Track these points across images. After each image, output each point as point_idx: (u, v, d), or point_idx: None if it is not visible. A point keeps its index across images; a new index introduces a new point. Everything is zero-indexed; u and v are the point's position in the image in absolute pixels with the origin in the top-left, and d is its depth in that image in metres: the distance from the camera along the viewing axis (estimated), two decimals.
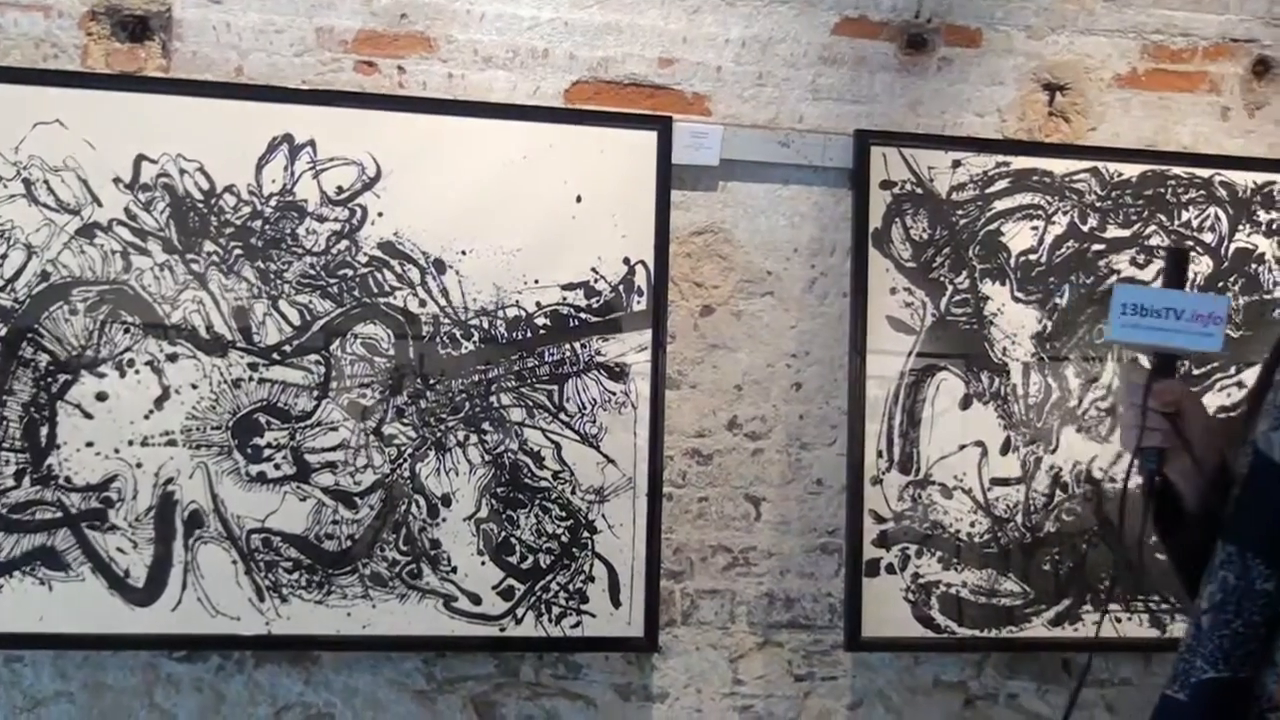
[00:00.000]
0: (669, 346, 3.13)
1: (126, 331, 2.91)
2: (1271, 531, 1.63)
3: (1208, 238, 3.30)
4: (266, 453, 2.94)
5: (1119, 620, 3.23)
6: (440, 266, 3.02)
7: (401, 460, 2.99)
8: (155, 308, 2.92)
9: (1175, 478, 1.76)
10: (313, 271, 2.98)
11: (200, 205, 2.94)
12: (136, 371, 2.91)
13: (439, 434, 3.01)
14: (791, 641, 3.20)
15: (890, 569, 3.17)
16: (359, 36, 3.07)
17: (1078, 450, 3.25)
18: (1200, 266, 3.27)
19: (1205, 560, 1.72)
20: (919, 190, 3.22)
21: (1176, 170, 3.30)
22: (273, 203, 2.97)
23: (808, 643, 3.21)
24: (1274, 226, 3.30)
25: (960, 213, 3.24)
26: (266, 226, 2.96)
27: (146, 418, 2.91)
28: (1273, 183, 3.28)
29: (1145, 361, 1.80)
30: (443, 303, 3.02)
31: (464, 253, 3.03)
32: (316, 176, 2.99)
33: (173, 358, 2.92)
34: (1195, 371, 3.25)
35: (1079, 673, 3.22)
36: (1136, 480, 1.79)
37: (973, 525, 3.21)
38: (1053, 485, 3.24)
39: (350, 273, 2.99)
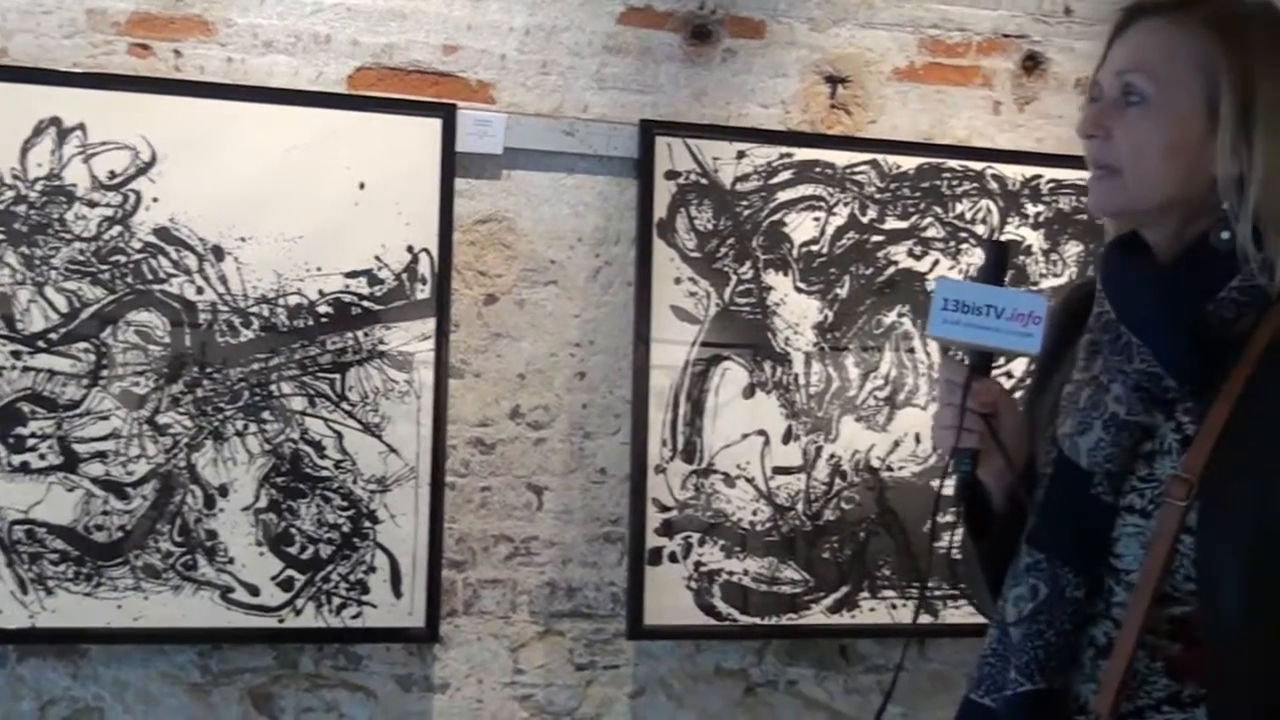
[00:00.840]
0: (452, 335, 3.21)
1: None
2: (1079, 539, 1.66)
3: (980, 230, 3.47)
4: (30, 442, 2.96)
5: (894, 607, 3.41)
6: (219, 253, 3.07)
7: (177, 450, 3.04)
8: None
9: (986, 479, 1.75)
10: (82, 257, 3.00)
11: None
12: None
13: (217, 423, 3.06)
14: (573, 630, 3.31)
15: (673, 557, 3.30)
16: (132, 19, 3.11)
17: (857, 439, 3.41)
18: (973, 258, 3.46)
19: (1010, 559, 1.75)
20: (704, 180, 3.36)
21: (951, 163, 3.48)
22: (39, 187, 2.98)
23: (589, 631, 3.32)
24: (1041, 219, 3.50)
25: (744, 203, 3.38)
26: (32, 211, 2.97)
27: None
28: (1040, 176, 3.49)
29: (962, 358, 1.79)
30: (221, 290, 3.08)
31: (244, 239, 3.08)
32: (87, 161, 3.01)
33: None
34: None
35: (895, 666, 3.34)
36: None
37: (755, 514, 3.35)
38: (832, 474, 3.40)
39: (123, 259, 3.03)
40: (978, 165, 3.48)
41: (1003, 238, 3.43)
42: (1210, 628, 1.57)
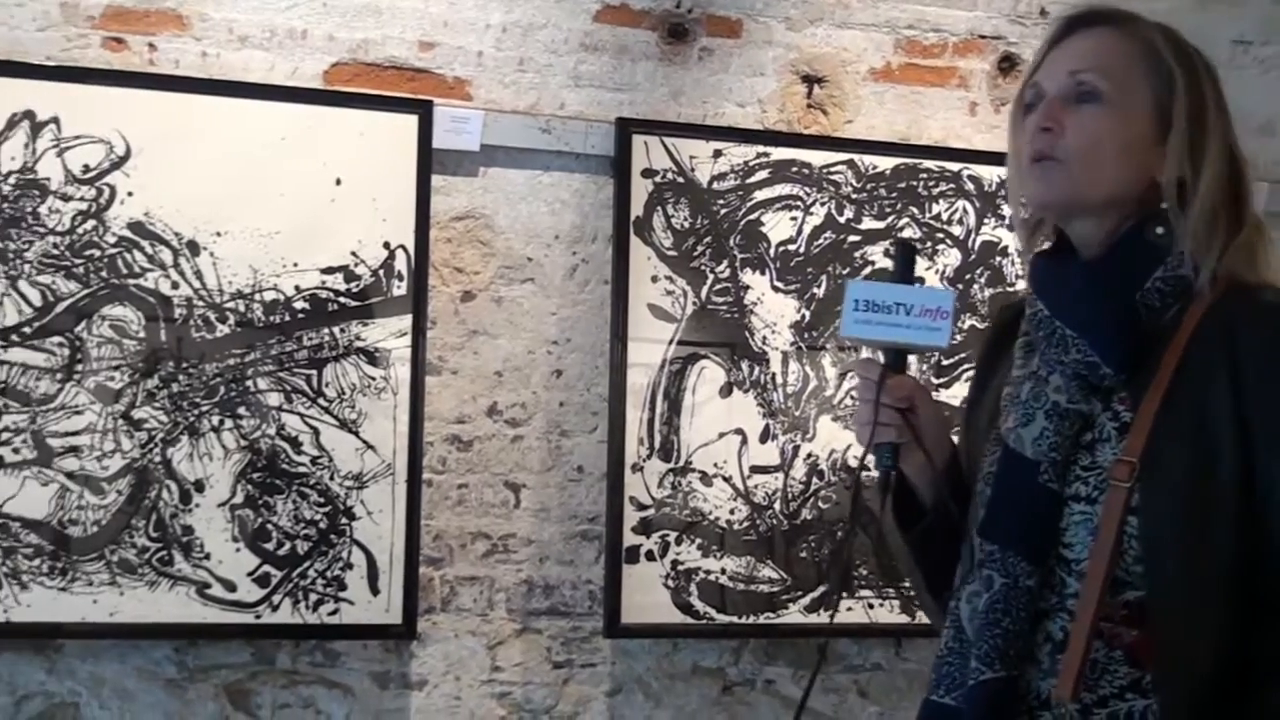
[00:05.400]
0: (429, 332, 3.26)
1: None
2: (1029, 528, 1.72)
3: (957, 230, 3.55)
4: (4, 436, 2.98)
5: (871, 606, 3.46)
6: (194, 248, 3.11)
7: (153, 445, 3.07)
8: None
9: (909, 471, 1.85)
10: (56, 251, 3.04)
11: None
12: None
13: (192, 418, 3.10)
14: (550, 628, 3.36)
15: (650, 556, 3.35)
16: (107, 12, 3.14)
17: (834, 439, 3.47)
18: (949, 259, 3.53)
19: (943, 552, 1.83)
20: (680, 179, 3.42)
21: (928, 164, 3.55)
22: (11, 180, 3.01)
23: (567, 629, 3.36)
24: None
25: (721, 202, 3.44)
26: (5, 205, 3.00)
27: None
28: None
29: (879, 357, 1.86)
30: (197, 285, 3.11)
31: (219, 234, 3.12)
32: (61, 155, 3.04)
33: None
34: (945, 362, 3.51)
35: (815, 662, 3.42)
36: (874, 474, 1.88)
37: (732, 513, 3.41)
38: (810, 473, 3.46)
39: (98, 253, 3.06)
40: (954, 166, 3.55)
41: (907, 237, 3.50)
42: (1155, 602, 1.65)
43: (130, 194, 3.08)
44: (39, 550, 2.99)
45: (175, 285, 3.10)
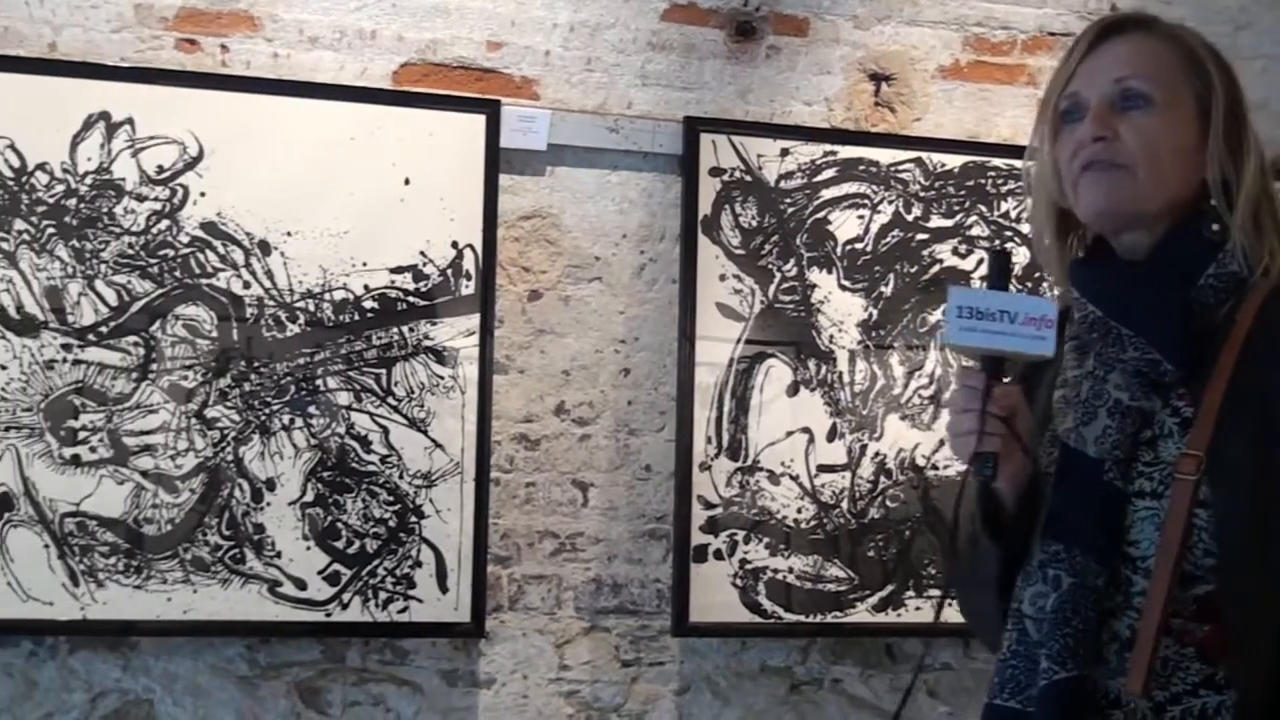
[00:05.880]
0: (497, 331, 3.27)
1: None
2: (1096, 526, 1.72)
3: (1026, 229, 3.53)
4: (82, 435, 3.02)
5: (938, 606, 3.45)
6: (265, 248, 3.14)
7: (225, 444, 3.10)
8: None
9: (1002, 483, 1.80)
10: (131, 251, 3.07)
11: (10, 182, 3.01)
12: None
13: (263, 417, 3.12)
14: (619, 627, 3.36)
15: (718, 555, 3.35)
16: (180, 14, 3.17)
17: (902, 437, 3.46)
18: (1017, 257, 3.51)
19: (1020, 558, 1.80)
20: (748, 178, 3.42)
21: (996, 162, 3.54)
22: (88, 181, 3.05)
23: (635, 628, 3.37)
24: None
25: (788, 201, 3.44)
26: (82, 205, 3.04)
27: None
28: None
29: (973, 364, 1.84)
30: (268, 285, 3.14)
31: (290, 234, 3.15)
32: (135, 155, 3.08)
33: None
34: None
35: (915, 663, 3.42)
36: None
37: (799, 511, 3.41)
38: (877, 472, 3.45)
39: (171, 253, 3.09)
40: (1023, 164, 3.53)
41: (1003, 245, 3.49)
42: (1227, 595, 1.65)
43: (203, 194, 3.11)
44: (115, 548, 3.02)
45: (247, 285, 3.13)
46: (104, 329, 3.05)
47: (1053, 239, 1.94)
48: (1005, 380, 1.80)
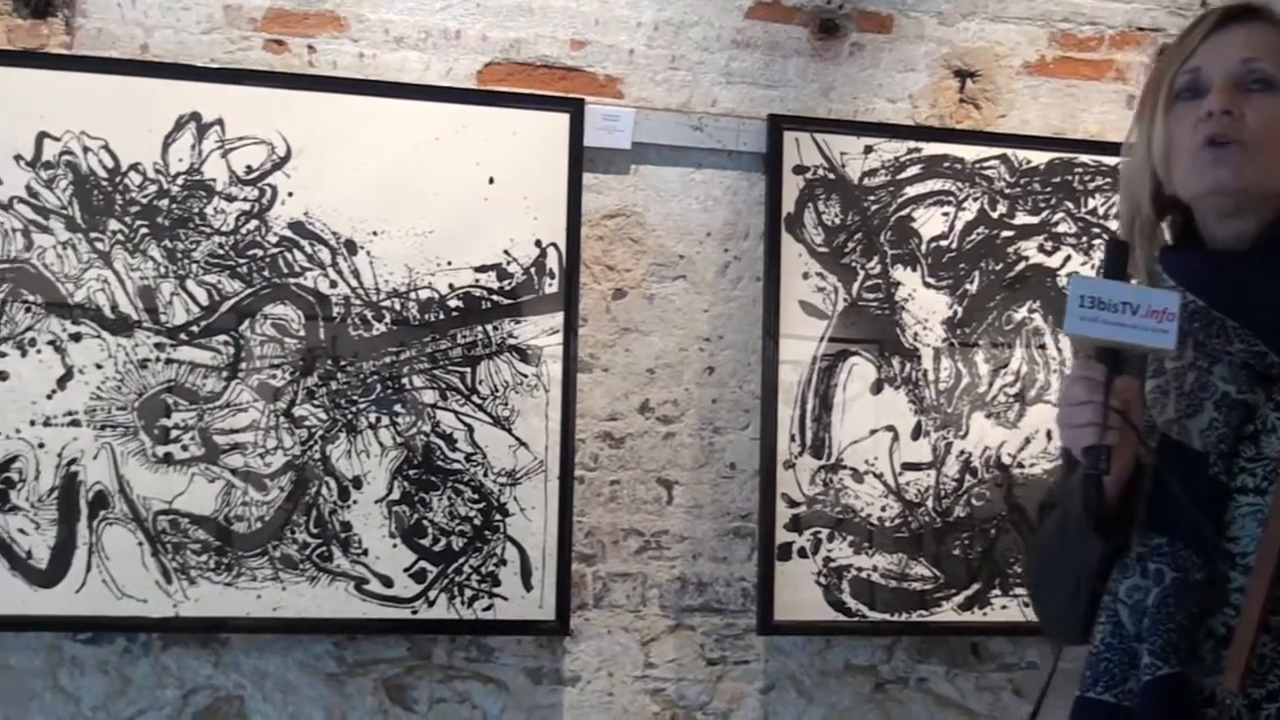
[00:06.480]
0: (581, 330, 3.28)
1: (28, 310, 3.01)
2: (1199, 521, 1.69)
3: (1113, 225, 3.50)
4: (174, 433, 3.06)
5: (1026, 605, 3.42)
6: (351, 247, 3.16)
7: (312, 442, 3.12)
8: (58, 286, 3.03)
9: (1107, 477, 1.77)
10: (221, 251, 3.10)
11: (104, 183, 3.05)
12: (38, 351, 3.01)
13: (350, 416, 3.15)
14: (704, 625, 3.36)
15: (802, 553, 3.35)
16: (268, 14, 3.20)
17: (987, 436, 3.44)
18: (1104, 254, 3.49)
19: (1119, 557, 1.78)
20: (831, 175, 3.41)
21: (1083, 158, 3.51)
22: (180, 181, 3.08)
23: (720, 626, 3.37)
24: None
25: (872, 198, 3.43)
26: (173, 205, 3.08)
27: (49, 398, 3.01)
28: None
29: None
30: (354, 284, 3.16)
31: (375, 234, 3.17)
32: (225, 155, 3.11)
33: (76, 337, 3.03)
34: None
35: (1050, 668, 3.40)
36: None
37: (884, 510, 3.39)
38: (963, 470, 3.44)
39: (260, 253, 3.12)
40: (1111, 160, 3.50)
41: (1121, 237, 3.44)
42: None
43: (290, 194, 3.13)
44: (206, 546, 3.05)
45: (333, 284, 3.15)
46: (195, 328, 3.08)
47: (1152, 223, 1.90)
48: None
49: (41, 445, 3.00)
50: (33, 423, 3.00)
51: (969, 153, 3.47)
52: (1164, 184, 1.85)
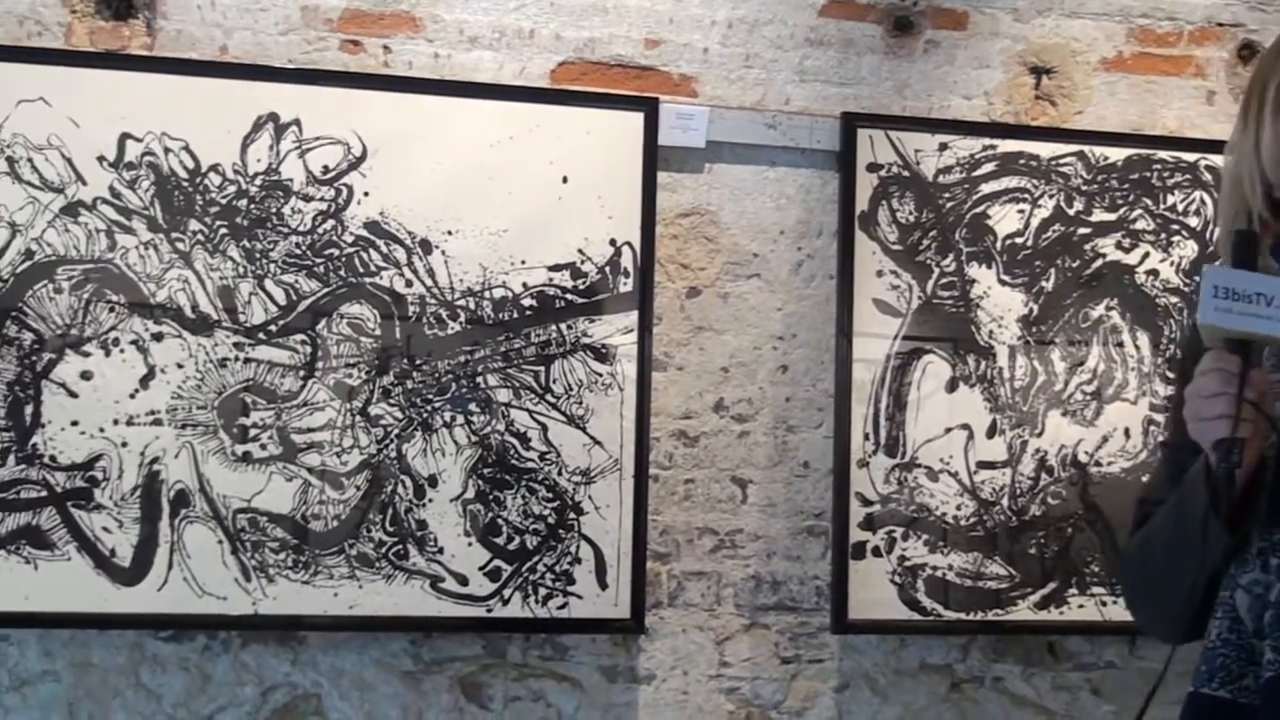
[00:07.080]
0: (655, 328, 3.28)
1: (111, 310, 3.05)
2: None
3: (1193, 222, 3.47)
4: (253, 432, 3.08)
5: (1104, 604, 3.41)
6: (426, 247, 3.17)
7: (388, 441, 3.14)
8: (140, 286, 3.06)
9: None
10: (298, 251, 3.12)
11: (185, 184, 3.08)
12: (122, 350, 3.04)
13: (425, 414, 3.16)
14: (778, 624, 3.36)
15: (876, 552, 3.33)
16: (344, 15, 3.22)
17: (1063, 434, 3.42)
18: (1185, 251, 3.45)
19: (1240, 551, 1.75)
20: (906, 173, 3.39)
21: (1162, 154, 3.47)
22: (258, 182, 3.11)
23: (794, 625, 3.36)
24: None
25: (946, 195, 3.41)
26: (252, 205, 3.10)
27: (132, 397, 3.04)
28: None
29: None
30: (429, 283, 3.17)
31: (450, 233, 3.18)
32: (302, 156, 3.13)
33: (158, 337, 3.06)
34: None
35: (1159, 673, 3.36)
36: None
37: (959, 508, 3.38)
38: (1038, 469, 3.41)
39: (336, 252, 3.14)
40: (1190, 156, 3.47)
41: (1250, 228, 3.38)
42: None
43: (366, 194, 3.15)
44: (284, 544, 3.08)
45: (409, 283, 3.16)
46: (273, 327, 3.10)
47: (1264, 225, 1.85)
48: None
49: (125, 444, 3.04)
50: (116, 422, 3.04)
51: (1045, 149, 3.44)
52: (1275, 187, 1.82)
